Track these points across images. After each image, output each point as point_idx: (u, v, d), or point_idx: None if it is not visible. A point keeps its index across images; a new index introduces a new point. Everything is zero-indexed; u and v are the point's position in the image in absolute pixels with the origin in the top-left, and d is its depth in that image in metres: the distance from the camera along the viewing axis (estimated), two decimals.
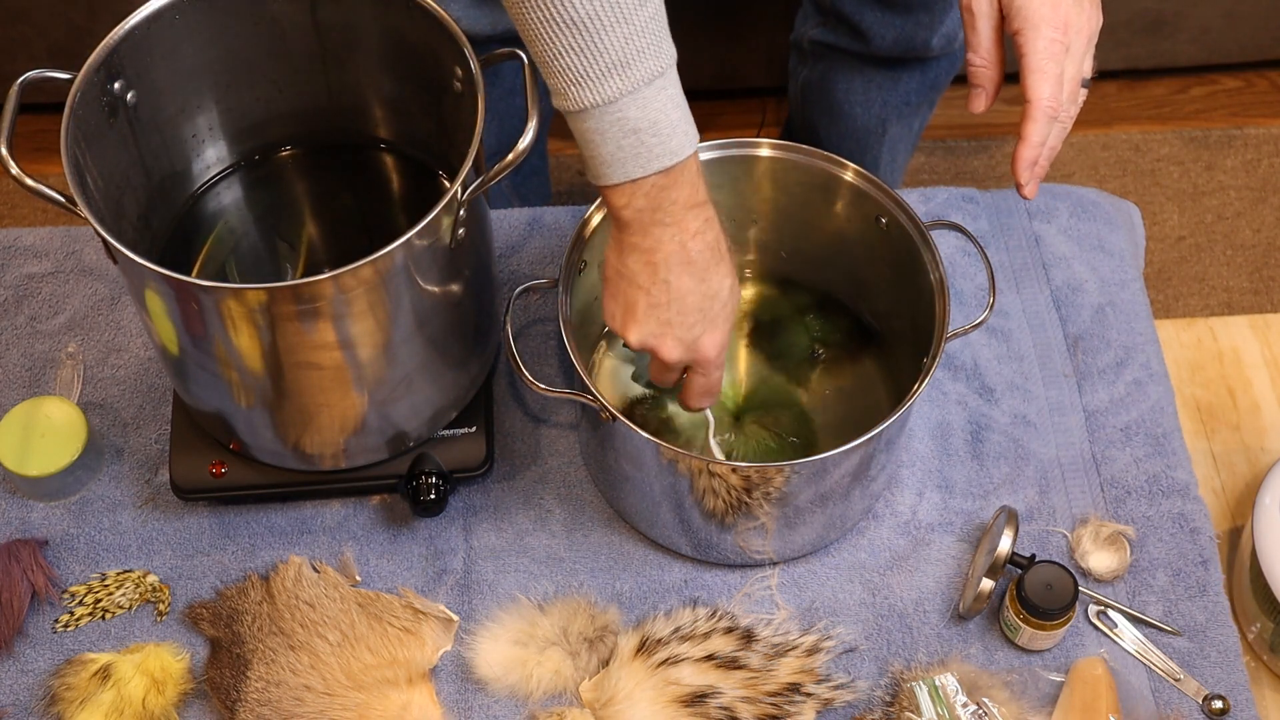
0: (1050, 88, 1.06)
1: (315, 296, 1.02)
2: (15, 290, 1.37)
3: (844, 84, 1.68)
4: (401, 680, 1.16)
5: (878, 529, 1.25)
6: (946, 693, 1.14)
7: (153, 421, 1.30)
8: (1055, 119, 1.07)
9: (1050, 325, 1.37)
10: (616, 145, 0.96)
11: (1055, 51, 1.05)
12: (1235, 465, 1.40)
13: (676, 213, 1.00)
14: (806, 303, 1.31)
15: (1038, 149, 1.07)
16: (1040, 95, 1.06)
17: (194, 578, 1.23)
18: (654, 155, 0.97)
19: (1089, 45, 1.08)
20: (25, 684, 1.18)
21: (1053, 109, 1.06)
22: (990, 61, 1.09)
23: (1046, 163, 1.10)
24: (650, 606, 1.21)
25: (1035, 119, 1.06)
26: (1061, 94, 1.06)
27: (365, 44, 1.18)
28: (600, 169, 0.99)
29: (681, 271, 1.02)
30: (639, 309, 1.04)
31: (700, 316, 1.04)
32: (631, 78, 0.94)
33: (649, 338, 1.05)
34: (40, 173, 1.04)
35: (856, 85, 1.67)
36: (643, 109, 0.95)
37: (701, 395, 1.11)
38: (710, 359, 1.07)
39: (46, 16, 1.97)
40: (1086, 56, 1.08)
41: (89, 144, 1.07)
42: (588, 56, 0.94)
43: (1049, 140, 1.08)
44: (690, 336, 1.05)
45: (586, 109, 0.96)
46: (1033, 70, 1.06)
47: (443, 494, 1.20)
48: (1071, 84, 1.07)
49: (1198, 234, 2.14)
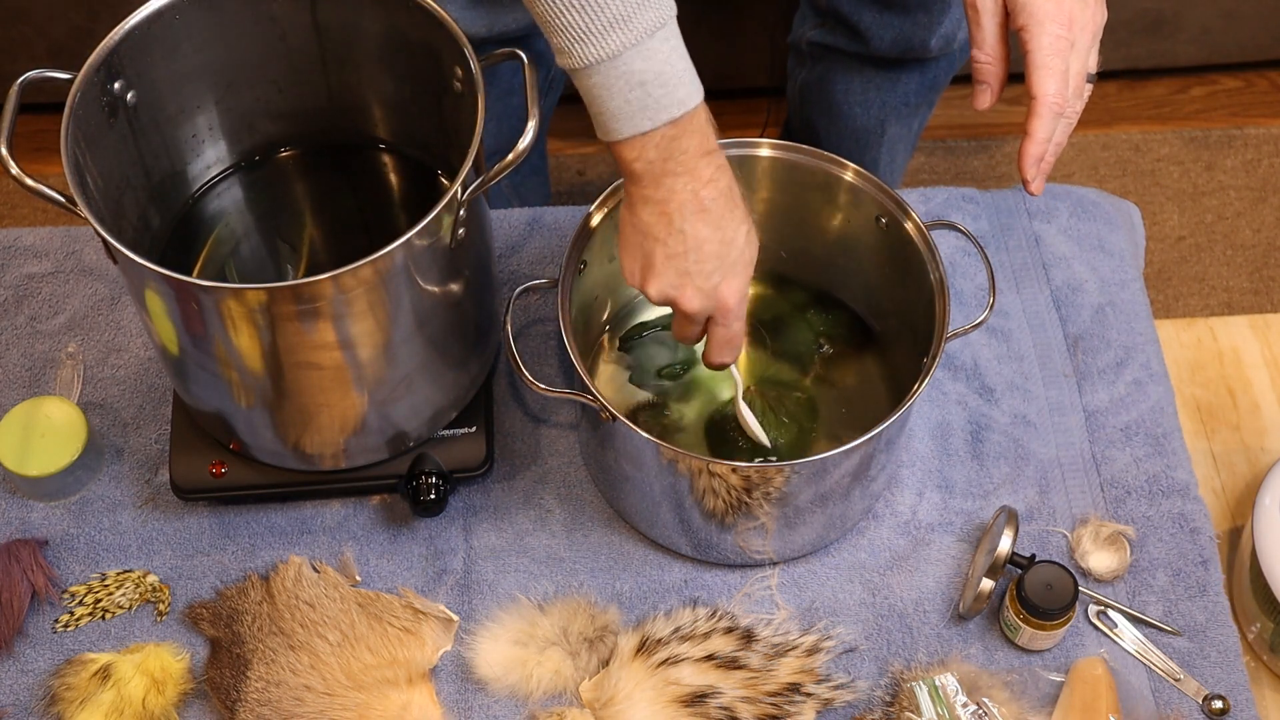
0: (1056, 84, 1.06)
1: (315, 296, 1.02)
2: (15, 290, 1.37)
3: (843, 85, 1.68)
4: (401, 680, 1.16)
5: (878, 529, 1.25)
6: (946, 693, 1.14)
7: (153, 421, 1.30)
8: (1061, 115, 1.07)
9: (1050, 325, 1.37)
10: (624, 99, 0.96)
11: (1060, 47, 1.05)
12: (1235, 465, 1.40)
13: (688, 161, 1.00)
14: (806, 302, 1.31)
15: (1044, 145, 1.07)
16: (1046, 91, 1.06)
17: (194, 578, 1.23)
18: (662, 106, 0.97)
19: (1094, 40, 1.08)
20: (25, 684, 1.18)
21: (1058, 105, 1.06)
22: (995, 58, 1.09)
23: (1053, 159, 1.09)
24: (650, 606, 1.21)
25: (1041, 115, 1.06)
26: (1067, 90, 1.06)
27: (365, 44, 1.18)
28: (609, 124, 0.98)
29: (696, 220, 1.01)
30: (657, 261, 1.03)
31: (719, 264, 1.03)
32: (634, 30, 0.94)
33: (668, 289, 1.04)
34: (40, 173, 1.04)
35: (855, 86, 1.67)
36: (647, 61, 0.96)
37: (723, 348, 1.10)
38: (730, 307, 1.06)
39: (46, 16, 1.97)
40: (1091, 51, 1.08)
41: (89, 144, 1.07)
42: (589, 13, 0.94)
43: (1055, 136, 1.08)
44: (710, 285, 1.04)
45: (591, 65, 0.96)
46: (1038, 66, 1.05)
47: (443, 494, 1.20)
48: (1077, 79, 1.07)
49: (1198, 234, 2.14)
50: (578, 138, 2.18)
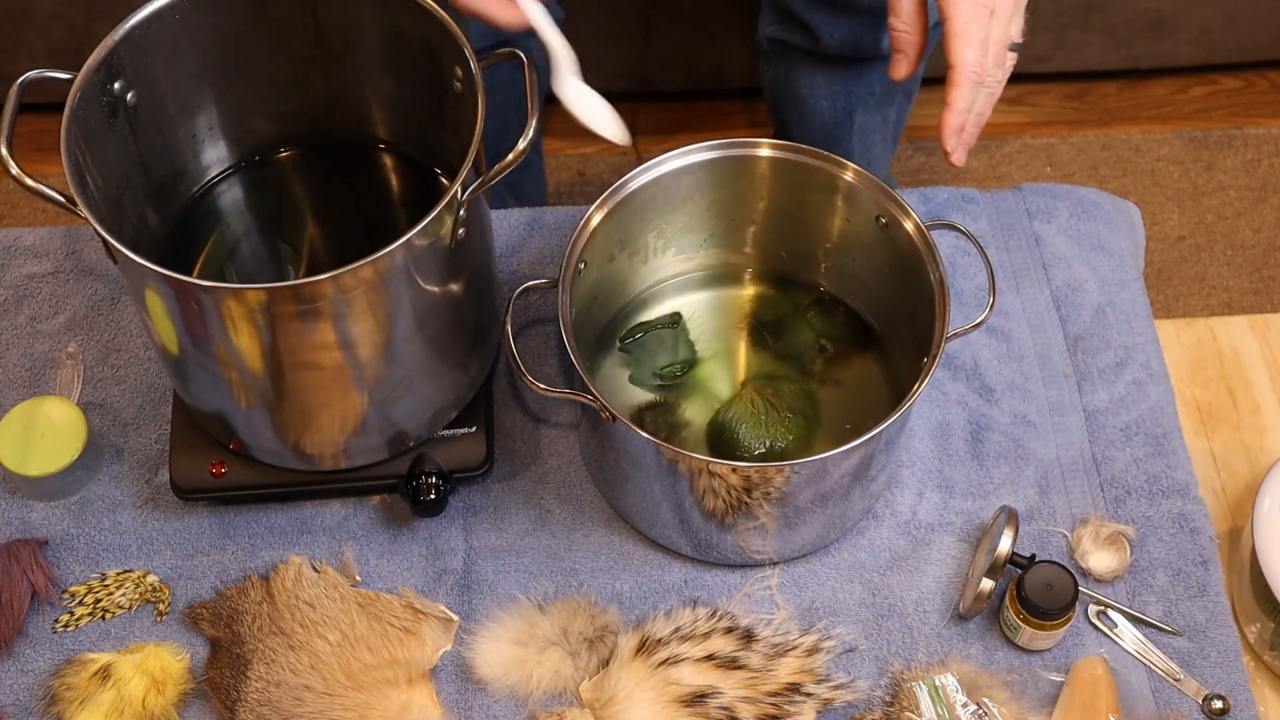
0: (974, 53, 1.05)
1: (315, 296, 1.02)
2: (15, 290, 1.37)
3: (806, 79, 1.68)
4: (401, 680, 1.16)
5: (878, 529, 1.25)
6: (946, 693, 1.14)
7: (153, 421, 1.30)
8: (981, 84, 1.06)
9: (1050, 325, 1.37)
10: None
11: (979, 15, 1.05)
12: (1235, 465, 1.40)
13: None
14: (806, 302, 1.31)
15: (964, 115, 1.07)
16: (964, 60, 1.05)
17: (194, 578, 1.23)
18: None
19: (1015, 8, 1.07)
20: (25, 684, 1.18)
21: (976, 74, 1.06)
22: (911, 27, 1.09)
23: (975, 129, 1.09)
24: (650, 606, 1.21)
25: (959, 84, 1.06)
26: (986, 59, 1.06)
27: (365, 44, 1.18)
28: None
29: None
30: None
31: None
32: None
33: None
34: (40, 173, 1.04)
35: (819, 80, 1.67)
36: None
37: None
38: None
39: (46, 16, 1.97)
40: (1015, 20, 1.08)
41: (89, 144, 1.07)
42: None
43: (976, 106, 1.07)
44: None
45: None
46: (956, 35, 1.05)
47: (443, 494, 1.20)
48: (997, 48, 1.07)
49: (1198, 234, 2.14)
50: (577, 137, 2.18)
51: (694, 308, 1.32)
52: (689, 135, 2.21)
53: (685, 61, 2.13)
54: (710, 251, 1.31)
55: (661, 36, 2.08)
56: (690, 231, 1.29)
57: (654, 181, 1.21)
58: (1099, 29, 2.12)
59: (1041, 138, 2.22)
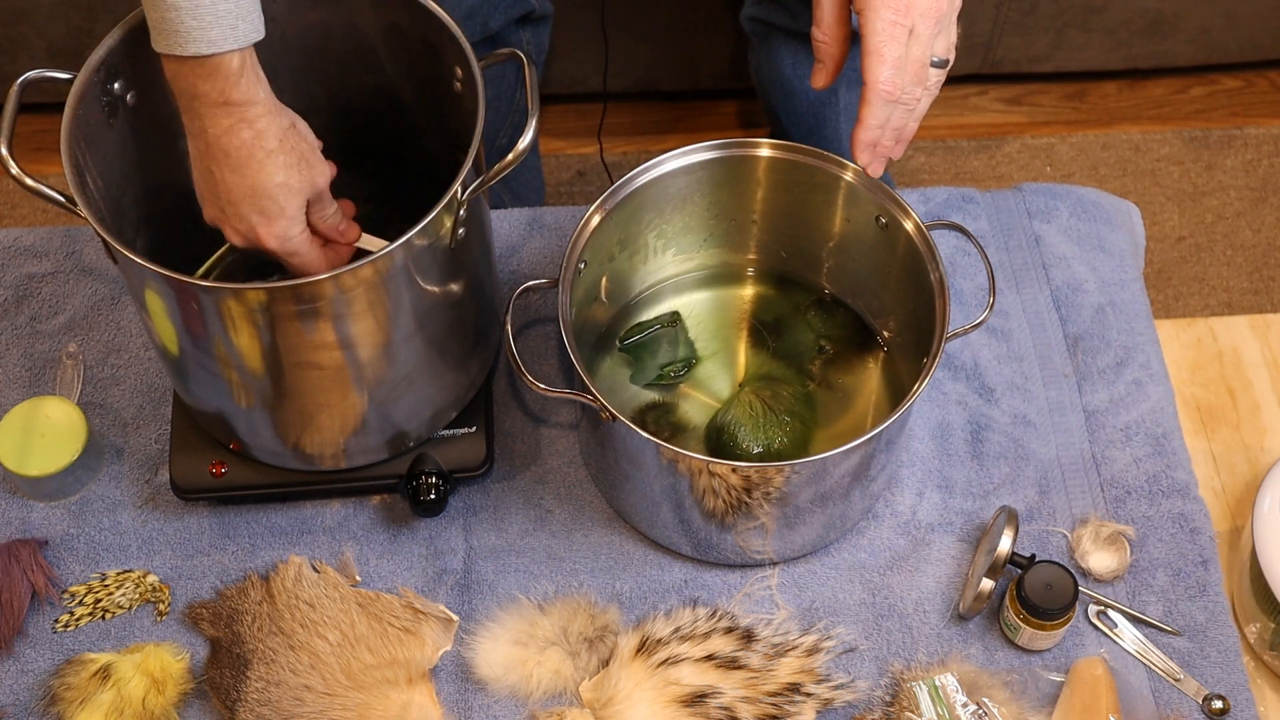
0: (887, 71, 1.06)
1: (315, 296, 1.02)
2: (15, 290, 1.37)
3: (789, 59, 1.68)
4: (401, 680, 1.16)
5: (878, 529, 1.25)
6: (946, 693, 1.14)
7: (153, 421, 1.30)
8: (895, 101, 1.07)
9: (1050, 325, 1.37)
10: (161, 15, 0.95)
11: (895, 33, 1.05)
12: (1235, 465, 1.40)
13: (203, 109, 0.99)
14: (806, 302, 1.32)
15: (875, 131, 1.08)
16: (876, 78, 1.06)
17: (194, 578, 1.23)
18: (190, 39, 0.96)
19: (938, 26, 1.07)
20: (25, 684, 1.18)
21: (888, 93, 1.06)
22: (831, 38, 1.10)
23: (892, 143, 1.10)
24: (650, 606, 1.21)
25: (870, 102, 1.07)
26: (901, 77, 1.06)
27: (365, 44, 1.18)
28: (152, 32, 0.97)
29: (221, 164, 1.01)
30: (203, 188, 1.04)
31: (251, 208, 1.03)
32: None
33: (215, 219, 1.05)
34: (40, 173, 1.04)
35: (802, 58, 1.67)
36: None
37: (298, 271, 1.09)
38: (273, 249, 1.05)
39: (46, 16, 1.96)
40: (939, 37, 1.08)
41: (89, 144, 1.07)
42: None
43: (891, 121, 1.08)
44: (245, 227, 1.04)
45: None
46: (870, 53, 1.06)
47: (443, 494, 1.20)
48: (915, 65, 1.07)
49: (1198, 234, 2.14)
50: (577, 137, 2.18)
51: (694, 307, 1.32)
52: (687, 135, 2.21)
53: (690, 61, 2.13)
54: (710, 251, 1.31)
55: (662, 36, 2.08)
56: (690, 231, 1.29)
57: (654, 181, 1.21)
58: (1099, 29, 2.12)
59: (1041, 138, 2.22)
